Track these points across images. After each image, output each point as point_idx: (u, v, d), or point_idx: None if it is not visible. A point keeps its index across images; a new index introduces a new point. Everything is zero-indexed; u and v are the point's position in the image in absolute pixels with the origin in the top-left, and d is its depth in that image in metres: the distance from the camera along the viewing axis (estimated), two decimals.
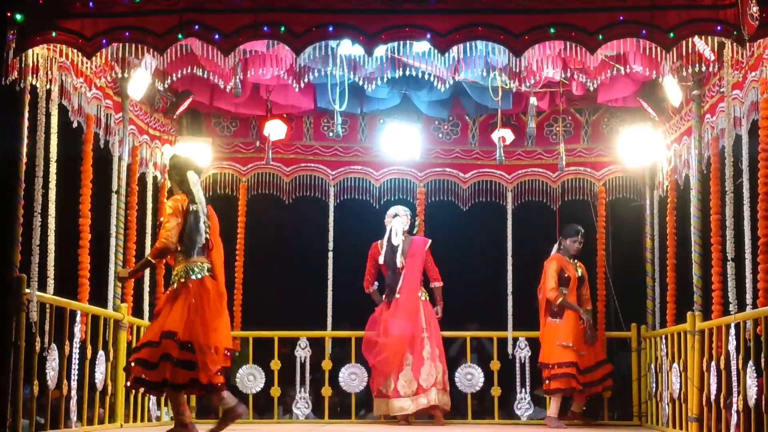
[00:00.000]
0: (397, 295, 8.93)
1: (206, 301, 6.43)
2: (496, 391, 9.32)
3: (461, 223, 10.26)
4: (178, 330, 6.28)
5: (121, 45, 6.54)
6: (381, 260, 9.03)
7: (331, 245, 9.54)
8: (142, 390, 6.61)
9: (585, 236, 9.08)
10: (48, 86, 6.71)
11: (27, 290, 6.26)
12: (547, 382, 8.77)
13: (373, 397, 9.06)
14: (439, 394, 8.78)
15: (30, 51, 6.37)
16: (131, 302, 8.19)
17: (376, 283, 9.20)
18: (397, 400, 8.75)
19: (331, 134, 9.39)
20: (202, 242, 6.54)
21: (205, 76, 7.52)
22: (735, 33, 6.06)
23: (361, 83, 7.87)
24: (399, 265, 8.96)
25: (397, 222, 9.07)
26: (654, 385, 8.76)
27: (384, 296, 9.05)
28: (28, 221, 6.43)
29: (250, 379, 9.33)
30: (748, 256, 6.71)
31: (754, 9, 5.99)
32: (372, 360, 8.95)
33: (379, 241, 9.13)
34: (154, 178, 8.92)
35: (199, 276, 6.46)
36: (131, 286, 8.16)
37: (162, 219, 6.62)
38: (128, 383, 6.43)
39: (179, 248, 6.49)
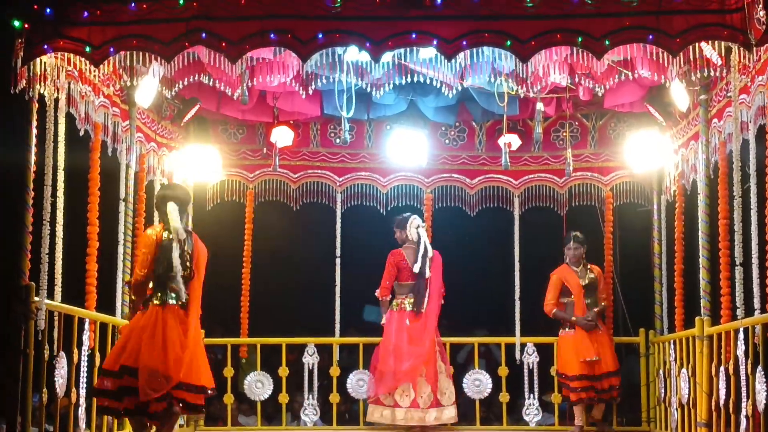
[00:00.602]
0: (425, 306, 8.85)
1: (160, 328, 6.49)
2: (504, 397, 9.30)
3: (468, 228, 10.27)
4: (129, 360, 6.42)
5: (128, 53, 6.55)
6: (416, 269, 8.85)
7: (338, 251, 9.54)
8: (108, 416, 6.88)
9: (583, 241, 9.01)
10: (56, 95, 6.72)
11: (36, 298, 6.27)
12: (570, 392, 8.80)
13: (372, 404, 8.88)
14: (453, 409, 8.83)
15: (38, 60, 6.38)
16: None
17: None
18: (416, 411, 8.68)
19: (338, 141, 9.39)
20: (175, 272, 6.58)
21: (212, 83, 7.53)
22: (742, 38, 6.07)
23: (367, 89, 7.87)
24: (427, 275, 8.90)
25: (423, 232, 9.04)
26: (662, 390, 8.75)
27: (412, 305, 8.84)
28: (37, 229, 6.44)
29: (258, 385, 9.33)
30: (755, 260, 6.70)
31: (761, 13, 5.98)
32: (390, 367, 8.74)
33: (402, 249, 9.01)
34: (162, 185, 8.92)
35: (160, 302, 6.55)
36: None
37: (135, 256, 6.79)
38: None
39: (152, 277, 6.58)
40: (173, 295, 6.57)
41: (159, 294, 6.57)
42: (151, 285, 6.61)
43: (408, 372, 8.66)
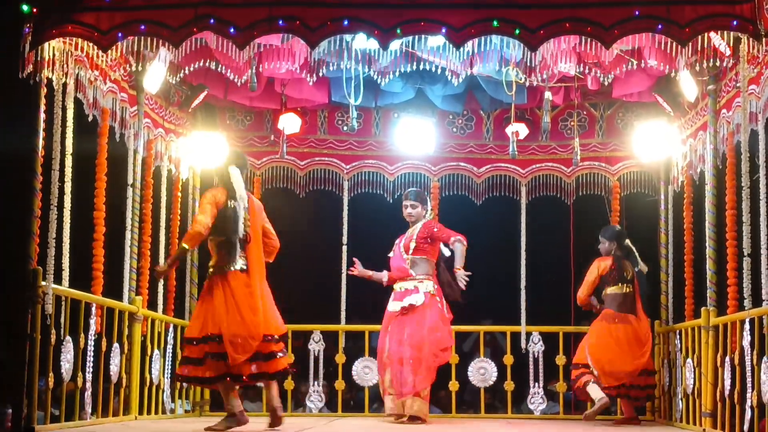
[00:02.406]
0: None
1: (230, 295, 6.62)
2: (509, 386, 9.32)
3: (475, 217, 10.24)
4: (214, 328, 6.56)
5: (136, 38, 6.55)
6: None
7: (345, 239, 9.55)
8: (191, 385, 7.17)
9: (610, 237, 8.80)
10: (63, 80, 6.73)
11: (43, 283, 6.29)
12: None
13: (426, 398, 7.92)
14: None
15: (46, 44, 6.39)
16: (146, 295, 8.21)
17: None
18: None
19: (345, 128, 9.39)
20: (238, 237, 6.70)
21: (220, 69, 7.53)
22: (751, 28, 6.05)
23: (375, 77, 7.87)
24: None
25: None
26: (668, 380, 8.75)
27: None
28: (44, 214, 6.46)
29: None
30: (764, 251, 6.69)
31: None
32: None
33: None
34: (169, 171, 8.94)
35: (225, 270, 6.67)
36: (146, 279, 8.18)
37: (199, 208, 6.77)
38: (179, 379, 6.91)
39: (213, 240, 6.68)
40: (236, 261, 6.68)
41: (219, 262, 6.71)
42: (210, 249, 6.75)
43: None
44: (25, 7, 6.25)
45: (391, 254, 8.32)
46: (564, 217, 9.82)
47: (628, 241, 8.76)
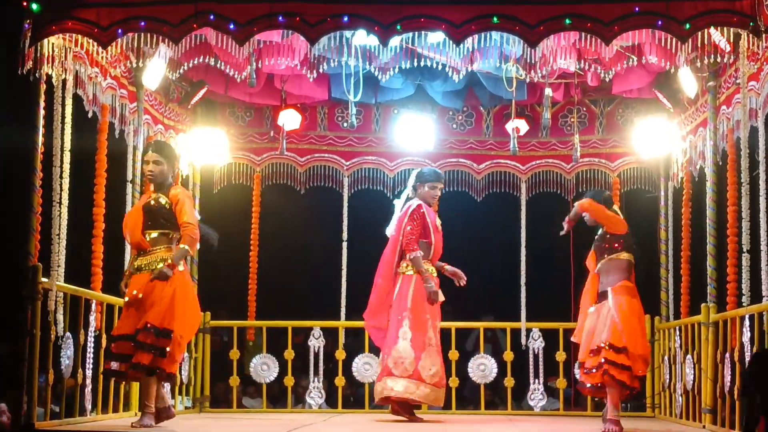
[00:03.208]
0: None
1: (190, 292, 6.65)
2: (509, 382, 9.32)
3: (475, 213, 10.26)
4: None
5: (136, 35, 6.55)
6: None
7: (345, 235, 9.56)
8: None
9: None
10: (63, 76, 6.73)
11: (43, 279, 6.29)
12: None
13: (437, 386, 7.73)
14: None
15: (45, 41, 6.39)
16: None
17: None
18: None
19: (345, 124, 9.39)
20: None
21: (220, 66, 7.53)
22: (751, 24, 6.06)
23: (375, 73, 7.86)
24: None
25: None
26: (668, 376, 8.75)
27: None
28: (45, 210, 6.46)
29: (264, 368, 9.36)
30: (763, 247, 6.69)
31: None
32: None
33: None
34: None
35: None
36: None
37: (180, 205, 6.52)
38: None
39: (176, 236, 6.57)
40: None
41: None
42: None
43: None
44: (35, 6, 6.26)
45: (432, 238, 7.90)
46: (564, 214, 9.73)
47: (615, 207, 7.51)
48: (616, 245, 7.11)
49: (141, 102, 8.11)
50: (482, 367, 9.40)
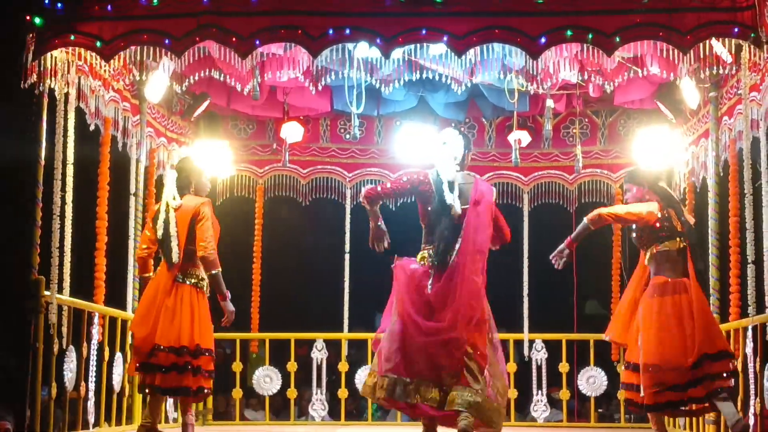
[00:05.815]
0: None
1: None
2: (512, 393, 9.30)
3: None
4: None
5: (138, 48, 6.57)
6: None
7: (347, 247, 9.55)
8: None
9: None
10: (66, 89, 6.74)
11: (45, 292, 6.29)
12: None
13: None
14: None
15: (48, 54, 6.41)
16: None
17: None
18: None
19: (347, 136, 9.39)
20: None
21: (223, 78, 7.54)
22: (752, 35, 6.07)
23: (377, 85, 7.87)
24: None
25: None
26: None
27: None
28: (46, 224, 6.47)
29: (267, 380, 9.35)
30: (767, 258, 6.68)
31: None
32: None
33: None
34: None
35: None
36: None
37: (203, 224, 6.69)
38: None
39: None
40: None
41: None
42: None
43: None
44: (37, 20, 6.28)
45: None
46: (566, 225, 9.76)
47: (663, 184, 6.73)
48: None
49: (144, 115, 8.13)
50: None
